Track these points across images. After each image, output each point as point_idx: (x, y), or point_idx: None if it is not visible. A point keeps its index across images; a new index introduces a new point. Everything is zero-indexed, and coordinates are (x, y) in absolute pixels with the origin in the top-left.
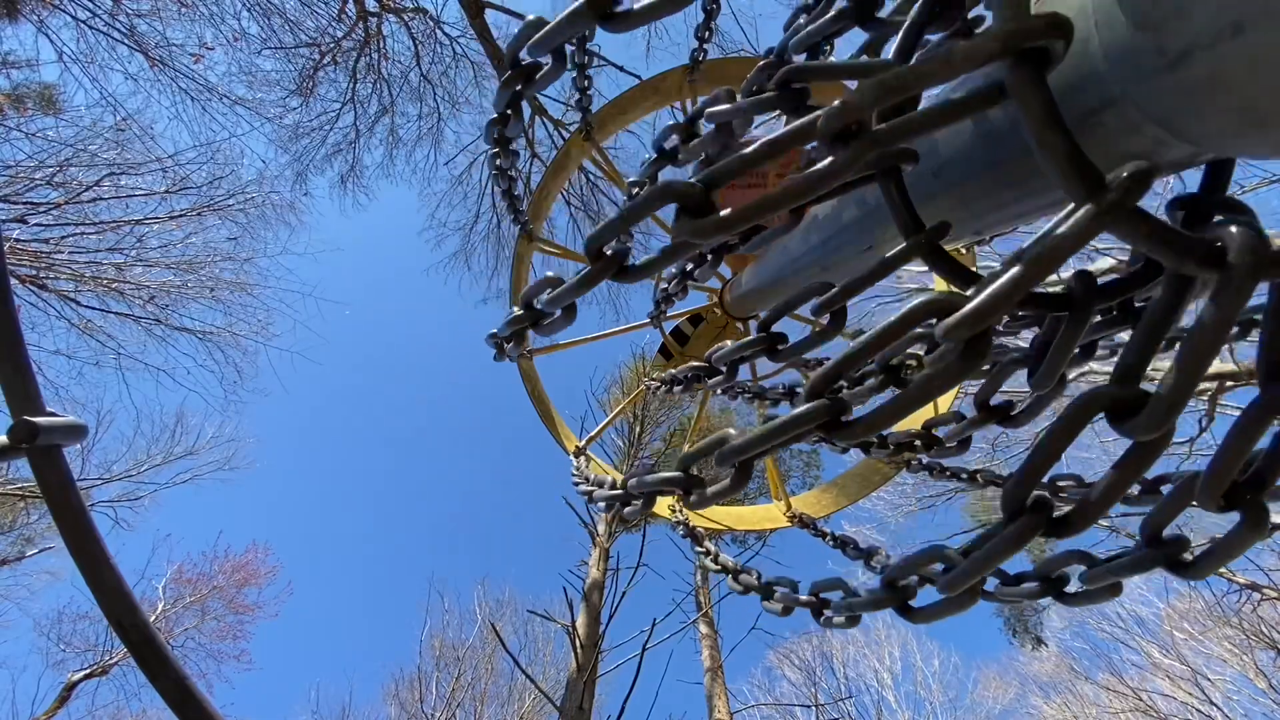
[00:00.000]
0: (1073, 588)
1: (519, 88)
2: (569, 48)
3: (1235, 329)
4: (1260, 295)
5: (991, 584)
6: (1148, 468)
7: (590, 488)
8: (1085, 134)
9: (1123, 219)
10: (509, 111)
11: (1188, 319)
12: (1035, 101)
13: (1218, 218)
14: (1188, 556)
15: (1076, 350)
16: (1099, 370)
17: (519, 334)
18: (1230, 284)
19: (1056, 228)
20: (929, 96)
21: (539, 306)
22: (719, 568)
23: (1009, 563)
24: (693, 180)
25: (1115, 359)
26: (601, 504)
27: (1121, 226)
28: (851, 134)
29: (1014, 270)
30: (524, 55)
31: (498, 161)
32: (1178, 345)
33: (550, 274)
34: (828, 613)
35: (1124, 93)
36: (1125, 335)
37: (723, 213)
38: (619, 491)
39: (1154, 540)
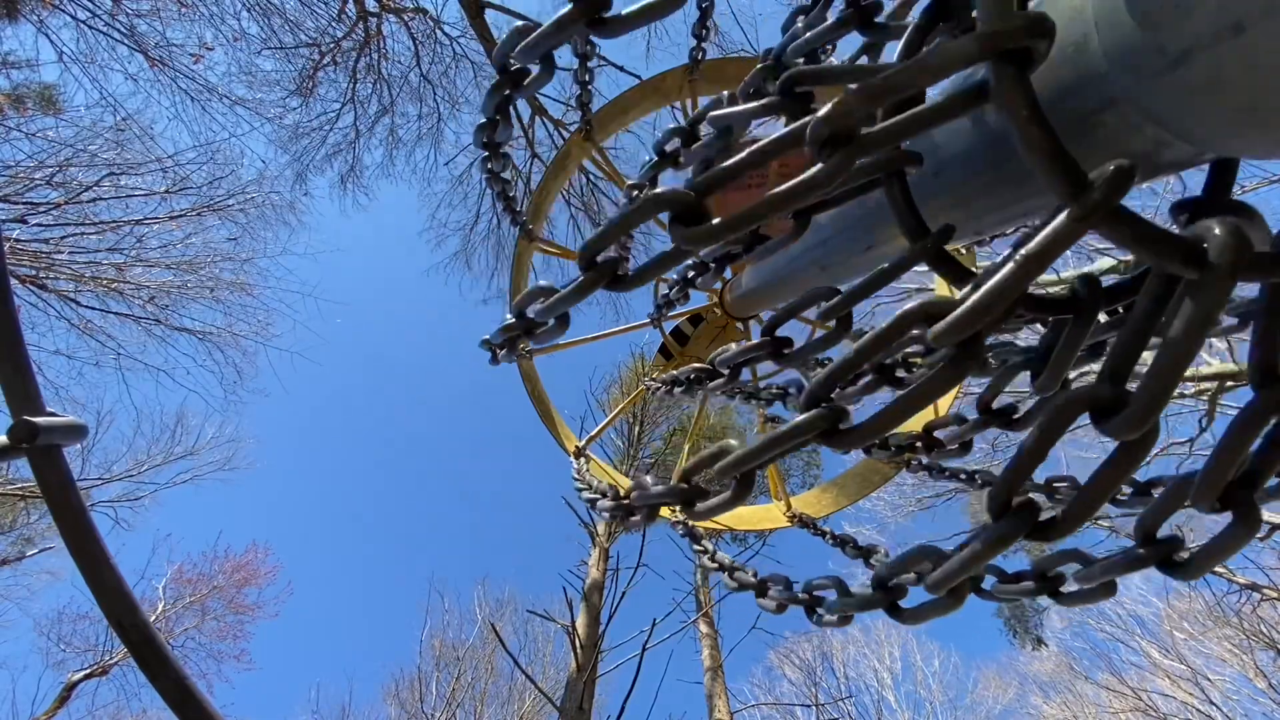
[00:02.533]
0: (1069, 587)
1: (507, 93)
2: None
3: (1235, 322)
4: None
5: (990, 582)
6: (1134, 469)
7: (594, 495)
8: (1086, 134)
9: (1105, 218)
10: (498, 116)
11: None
12: (1018, 101)
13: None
14: (1181, 556)
15: (1082, 353)
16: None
17: (512, 342)
18: (1209, 283)
19: (1043, 229)
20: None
21: (532, 315)
22: (715, 565)
23: (1007, 561)
24: (684, 188)
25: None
26: (604, 514)
27: (1104, 226)
28: (840, 140)
29: (1003, 273)
30: (514, 61)
31: (489, 165)
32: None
33: (543, 283)
34: (820, 611)
35: (1124, 93)
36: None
37: (714, 221)
38: (621, 503)
39: (1148, 540)
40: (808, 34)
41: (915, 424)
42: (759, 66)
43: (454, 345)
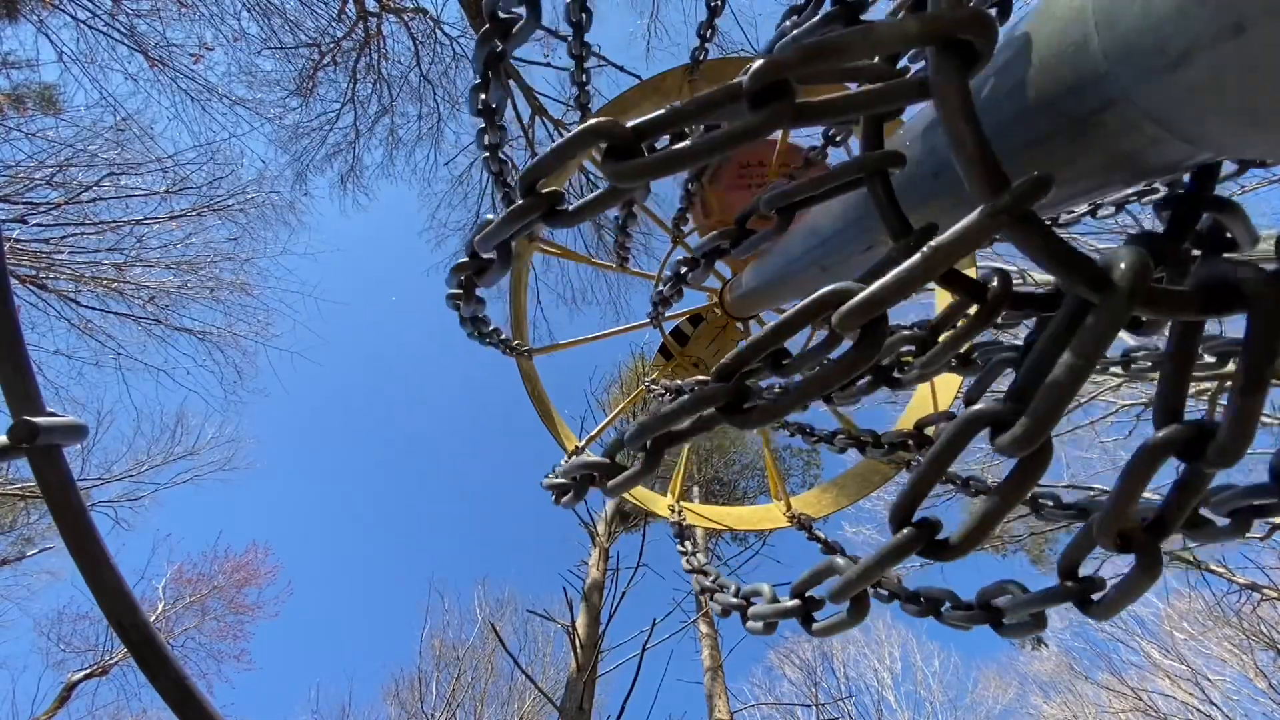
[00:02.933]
0: (1008, 619)
1: (498, 46)
2: (564, 44)
3: (1214, 360)
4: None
5: (947, 607)
6: (1030, 487)
7: (546, 480)
8: (1086, 134)
9: (1014, 223)
10: (488, 72)
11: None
12: (951, 94)
13: (1205, 216)
14: (1095, 596)
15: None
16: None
17: (469, 284)
18: (1107, 307)
19: (955, 225)
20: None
21: (480, 254)
22: (690, 568)
23: (961, 588)
24: (625, 124)
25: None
26: (548, 490)
27: (1014, 231)
28: (772, 94)
29: (908, 263)
30: (502, 10)
31: (486, 138)
32: (1059, 363)
33: (489, 215)
34: (749, 617)
35: (1124, 93)
36: (1130, 339)
37: (646, 156)
38: (559, 480)
39: (1069, 574)
40: (794, 30)
41: (906, 421)
42: (748, 65)
43: (454, 345)
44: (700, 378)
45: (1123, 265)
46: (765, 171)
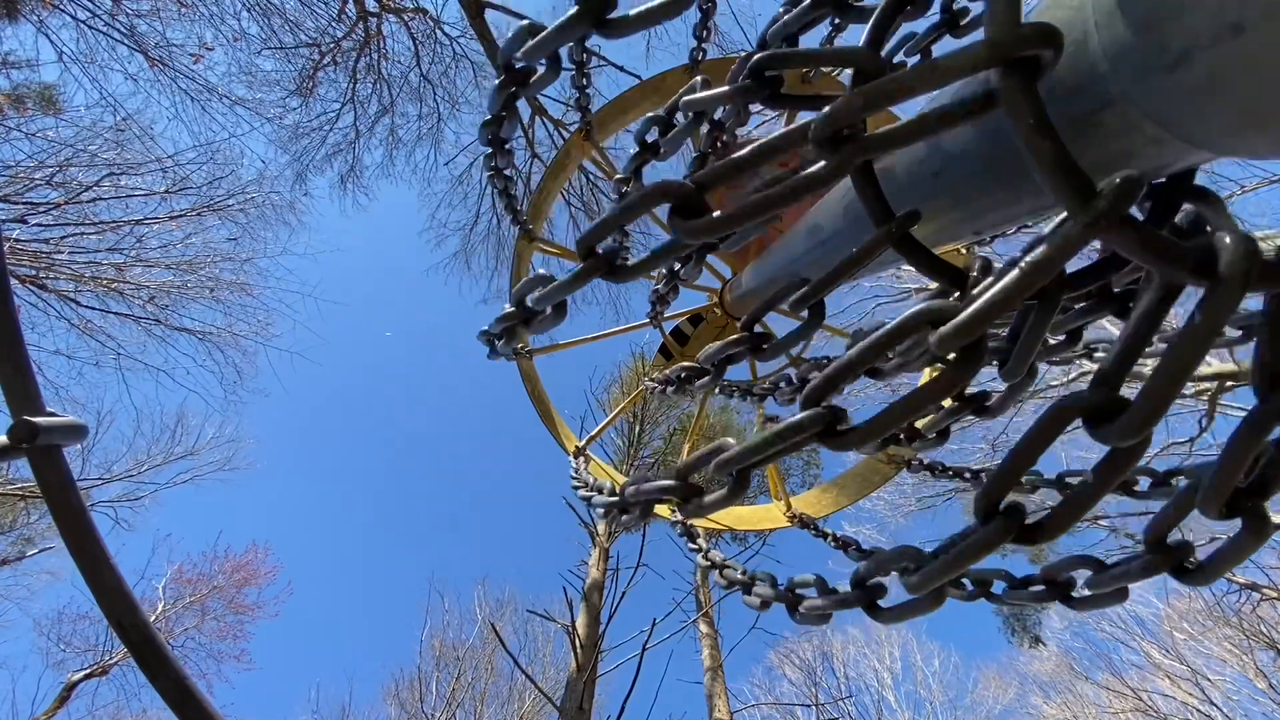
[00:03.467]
0: (1081, 592)
1: (513, 91)
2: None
3: (1240, 334)
4: (1256, 299)
5: (1000, 587)
6: (1124, 475)
7: (590, 492)
8: (1085, 134)
9: (1113, 228)
10: (503, 114)
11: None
12: (1026, 111)
13: (1186, 206)
14: (1192, 563)
15: (1063, 339)
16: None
17: (510, 331)
18: (1219, 295)
19: (1049, 236)
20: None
21: (530, 304)
22: (708, 563)
23: (1011, 565)
24: (686, 180)
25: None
26: (600, 510)
27: (1112, 235)
28: (842, 139)
29: (1006, 280)
30: (519, 60)
31: (493, 162)
32: (1163, 351)
33: (542, 271)
34: (802, 609)
35: (1124, 93)
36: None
37: (715, 214)
38: (616, 499)
39: (1159, 546)
40: (785, 18)
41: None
42: (743, 56)
43: (454, 345)
44: (686, 364)
45: (1229, 251)
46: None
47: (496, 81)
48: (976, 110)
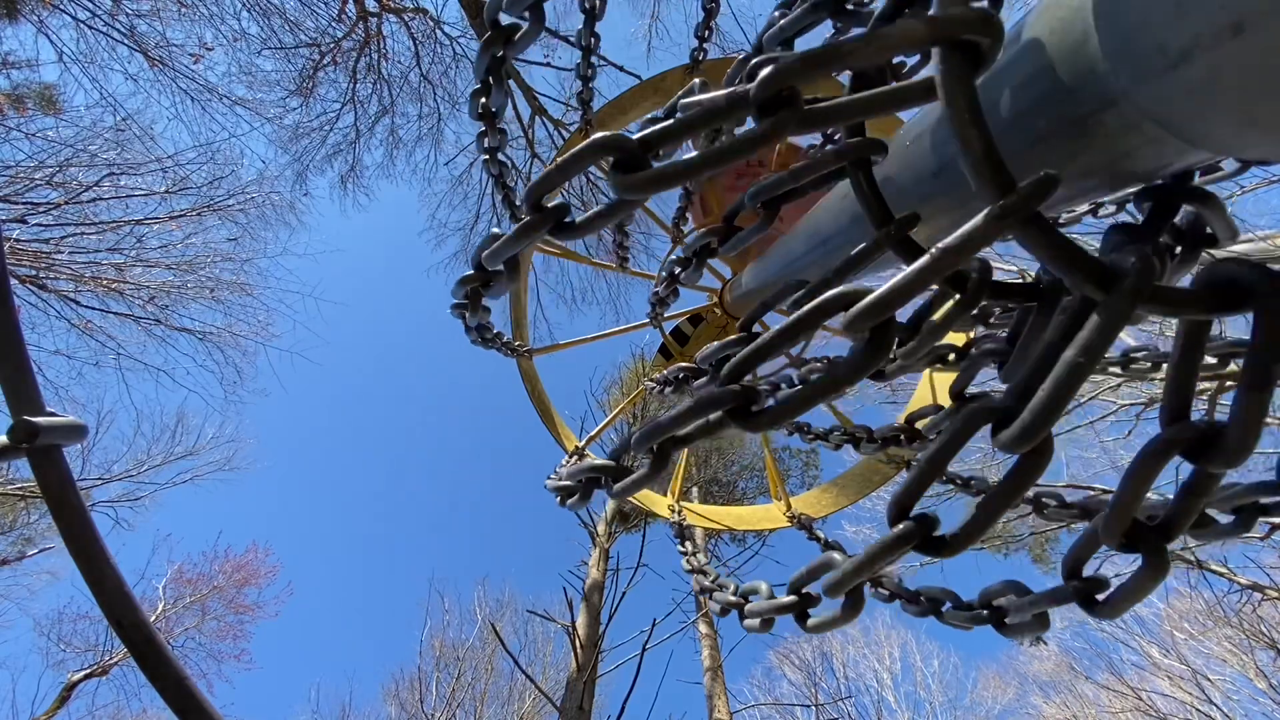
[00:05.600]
0: (1011, 619)
1: (499, 51)
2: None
3: (1214, 360)
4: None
5: (947, 607)
6: (1030, 484)
7: (549, 482)
8: (1085, 134)
9: (1021, 224)
10: (490, 79)
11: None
12: (959, 95)
13: (1185, 208)
14: (1100, 596)
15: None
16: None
17: (475, 296)
18: (1112, 305)
19: (962, 225)
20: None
21: (487, 266)
22: (689, 567)
23: (962, 588)
24: (632, 136)
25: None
26: (553, 493)
27: (1021, 231)
28: (779, 103)
29: (917, 265)
30: (505, 15)
31: (486, 141)
32: (1061, 361)
33: (495, 230)
34: (747, 614)
35: (1124, 93)
36: (1129, 340)
37: (653, 167)
38: (564, 483)
39: (1073, 575)
40: (781, 22)
41: (899, 415)
42: (739, 59)
43: (454, 345)
44: (685, 364)
45: (1129, 265)
46: (764, 171)
47: (482, 39)
48: (917, 96)
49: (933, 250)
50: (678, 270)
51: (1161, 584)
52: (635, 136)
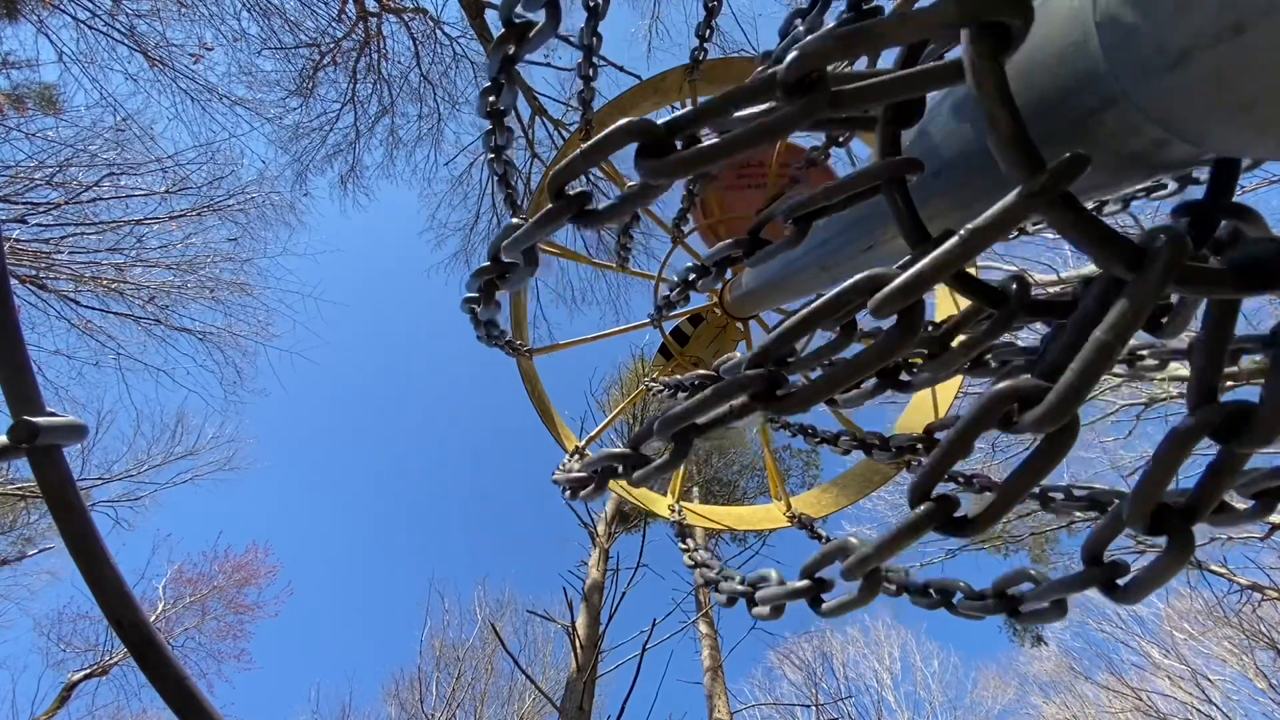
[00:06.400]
0: (1027, 606)
1: (512, 49)
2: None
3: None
4: (1265, 323)
5: (959, 598)
6: (1054, 466)
7: (559, 475)
8: (1086, 134)
9: (1050, 204)
10: (502, 77)
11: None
12: (989, 76)
13: (1224, 223)
14: (1121, 581)
15: None
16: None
17: (489, 289)
18: (1140, 284)
19: (992, 206)
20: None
21: (504, 257)
22: (691, 563)
23: (974, 578)
24: (656, 121)
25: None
26: (562, 487)
27: (1049, 211)
28: (808, 85)
29: (946, 246)
30: (519, 14)
31: (492, 140)
32: (1089, 341)
33: (514, 220)
34: (758, 601)
35: (1124, 92)
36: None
37: (679, 152)
38: (578, 474)
39: (1093, 560)
40: (802, 27)
41: (916, 425)
42: (758, 70)
43: (454, 346)
44: (701, 372)
45: (1159, 246)
46: (765, 171)
47: (495, 39)
48: (944, 77)
49: (962, 232)
50: (694, 278)
51: (1185, 568)
52: (661, 121)
